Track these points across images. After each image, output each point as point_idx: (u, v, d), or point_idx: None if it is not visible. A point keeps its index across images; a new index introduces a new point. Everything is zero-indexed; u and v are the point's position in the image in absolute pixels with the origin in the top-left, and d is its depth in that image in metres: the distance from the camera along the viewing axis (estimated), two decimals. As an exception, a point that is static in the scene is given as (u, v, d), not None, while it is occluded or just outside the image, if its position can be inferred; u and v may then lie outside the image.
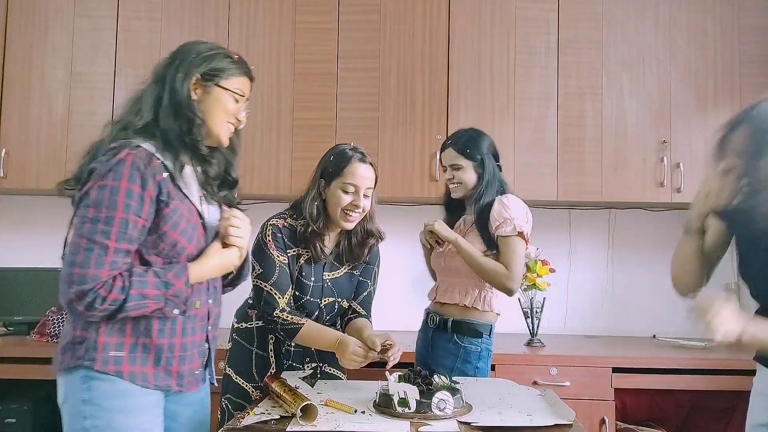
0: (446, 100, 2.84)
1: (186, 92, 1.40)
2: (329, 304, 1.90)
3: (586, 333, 3.10)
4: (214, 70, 1.44)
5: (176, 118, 1.40)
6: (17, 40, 2.87)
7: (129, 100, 1.46)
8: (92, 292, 1.27)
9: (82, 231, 1.29)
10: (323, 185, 1.85)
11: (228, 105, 1.47)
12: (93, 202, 1.29)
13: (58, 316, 2.60)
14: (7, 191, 2.98)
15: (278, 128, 2.85)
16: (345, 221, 1.82)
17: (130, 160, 1.31)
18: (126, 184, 1.30)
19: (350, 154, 1.84)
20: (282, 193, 2.81)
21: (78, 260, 1.28)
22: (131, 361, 1.36)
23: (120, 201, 1.29)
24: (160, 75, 1.43)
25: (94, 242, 1.28)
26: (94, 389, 1.34)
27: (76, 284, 1.27)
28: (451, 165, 2.11)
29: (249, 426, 1.36)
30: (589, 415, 2.42)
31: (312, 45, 2.87)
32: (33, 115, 2.84)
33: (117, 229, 1.29)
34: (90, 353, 1.34)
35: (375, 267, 2.00)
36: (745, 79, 2.82)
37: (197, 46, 1.46)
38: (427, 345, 2.13)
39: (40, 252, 3.08)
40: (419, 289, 2.65)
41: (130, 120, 1.40)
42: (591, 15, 2.86)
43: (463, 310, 2.06)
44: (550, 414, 1.49)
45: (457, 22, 2.87)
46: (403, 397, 1.45)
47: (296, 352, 1.88)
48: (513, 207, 2.03)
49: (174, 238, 1.37)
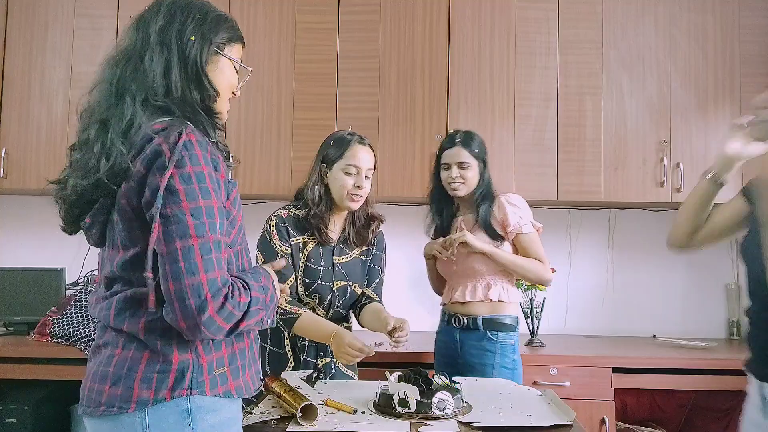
0: (446, 100, 2.84)
1: (203, 60, 1.19)
2: (341, 288, 1.92)
3: (586, 333, 3.10)
4: (223, 37, 1.24)
5: (196, 89, 1.20)
6: (17, 40, 2.86)
7: (117, 62, 1.21)
8: (227, 295, 1.06)
9: (188, 231, 1.04)
10: (325, 170, 1.90)
11: (232, 77, 1.28)
12: (186, 194, 1.05)
13: (58, 316, 2.59)
14: (7, 191, 2.98)
15: (278, 128, 2.85)
16: (351, 202, 1.88)
17: (194, 138, 1.09)
18: (205, 166, 1.09)
19: (349, 137, 1.91)
20: (282, 193, 2.81)
21: (199, 264, 1.04)
22: (234, 374, 1.17)
23: (210, 187, 1.08)
24: (162, 38, 1.18)
25: (209, 240, 1.06)
26: (198, 423, 1.10)
27: (210, 292, 1.04)
28: (458, 163, 2.12)
29: (249, 426, 1.36)
30: (589, 415, 2.42)
31: (312, 45, 2.87)
32: (33, 115, 2.84)
33: (218, 219, 1.09)
34: (196, 378, 1.10)
35: (383, 253, 2.05)
36: (745, 79, 2.82)
37: (195, 3, 1.24)
38: (455, 346, 2.12)
39: (40, 252, 3.08)
40: (419, 288, 2.65)
41: (147, 94, 1.15)
42: (591, 15, 2.86)
43: (491, 307, 2.09)
44: (550, 414, 1.49)
45: (457, 22, 2.87)
46: (403, 397, 1.45)
47: (311, 346, 1.89)
48: (522, 205, 2.13)
49: (240, 223, 1.22)
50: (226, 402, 1.15)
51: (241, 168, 2.80)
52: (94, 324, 2.50)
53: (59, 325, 2.55)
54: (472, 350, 2.08)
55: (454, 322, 2.13)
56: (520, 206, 2.12)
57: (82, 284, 2.93)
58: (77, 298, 2.66)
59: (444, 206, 2.23)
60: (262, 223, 1.94)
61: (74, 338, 2.48)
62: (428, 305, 2.90)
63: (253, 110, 2.84)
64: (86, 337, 2.45)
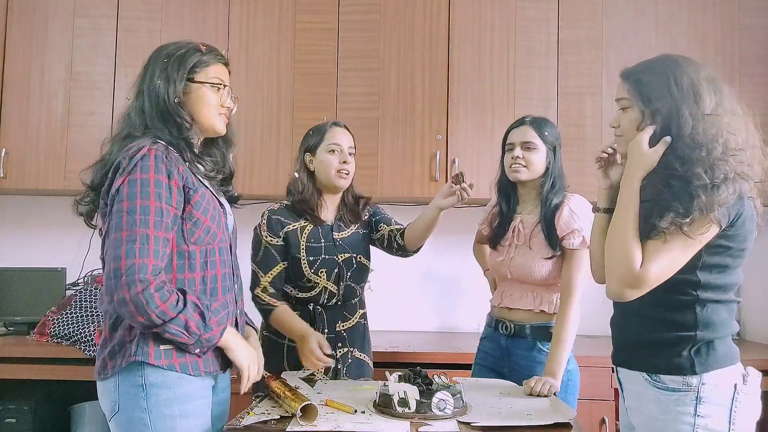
0: (446, 100, 2.84)
1: (173, 98, 1.44)
2: (346, 260, 1.97)
3: (586, 333, 3.09)
4: (190, 68, 1.46)
5: (165, 123, 1.44)
6: (17, 40, 2.86)
7: (120, 117, 1.51)
8: (143, 281, 1.27)
9: (121, 224, 1.30)
10: (309, 158, 2.00)
11: (210, 98, 1.49)
12: (126, 195, 1.31)
13: (58, 316, 2.59)
14: (7, 191, 2.98)
15: (278, 128, 2.85)
16: (340, 179, 1.96)
17: (153, 153, 1.35)
18: (154, 175, 1.33)
19: (325, 123, 2.04)
20: (282, 194, 2.79)
21: (122, 253, 1.28)
22: (180, 353, 1.38)
23: (152, 191, 1.32)
24: (139, 88, 1.48)
25: (135, 233, 1.29)
26: (148, 377, 1.35)
27: (126, 275, 1.27)
28: (523, 143, 1.91)
29: (249, 426, 1.36)
30: (589, 415, 2.42)
31: (312, 45, 2.86)
32: (33, 115, 2.84)
33: (154, 218, 1.31)
34: (142, 348, 1.34)
35: (379, 209, 2.14)
36: (745, 79, 2.82)
37: (164, 50, 1.49)
38: (501, 353, 1.98)
39: (40, 252, 3.08)
40: (421, 288, 2.65)
41: (129, 131, 1.44)
42: (591, 15, 2.86)
43: (540, 316, 1.92)
44: (550, 414, 1.49)
45: (457, 22, 2.87)
46: (403, 397, 1.45)
47: (329, 339, 1.91)
48: (582, 215, 1.87)
49: (207, 224, 1.42)
50: (175, 377, 1.36)
51: (241, 168, 2.79)
52: (94, 324, 2.51)
53: (59, 325, 2.55)
54: (521, 360, 1.93)
55: (502, 328, 1.98)
56: (579, 216, 1.86)
57: (82, 284, 2.93)
58: (77, 298, 2.67)
59: (511, 193, 2.02)
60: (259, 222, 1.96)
61: (74, 338, 2.48)
62: (431, 305, 2.90)
63: (253, 110, 2.84)
64: (86, 337, 2.45)
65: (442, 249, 2.96)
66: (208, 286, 1.44)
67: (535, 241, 1.93)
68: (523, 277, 1.95)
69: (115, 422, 1.39)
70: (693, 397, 1.34)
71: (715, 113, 1.34)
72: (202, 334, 1.35)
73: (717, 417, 1.33)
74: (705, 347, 1.36)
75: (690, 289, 1.38)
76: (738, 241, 1.36)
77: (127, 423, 1.36)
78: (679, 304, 1.39)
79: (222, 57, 1.54)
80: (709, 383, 1.34)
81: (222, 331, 1.40)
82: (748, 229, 1.37)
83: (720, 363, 1.36)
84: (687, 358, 1.36)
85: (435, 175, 2.80)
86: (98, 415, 2.56)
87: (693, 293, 1.37)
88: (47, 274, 2.85)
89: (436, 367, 2.21)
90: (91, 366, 2.43)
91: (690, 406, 1.34)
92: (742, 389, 1.35)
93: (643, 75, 1.45)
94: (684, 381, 1.35)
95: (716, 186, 1.29)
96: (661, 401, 1.38)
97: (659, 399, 1.38)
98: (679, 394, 1.35)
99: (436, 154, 2.79)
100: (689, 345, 1.36)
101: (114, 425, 1.40)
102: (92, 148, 2.78)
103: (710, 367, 1.35)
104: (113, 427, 1.40)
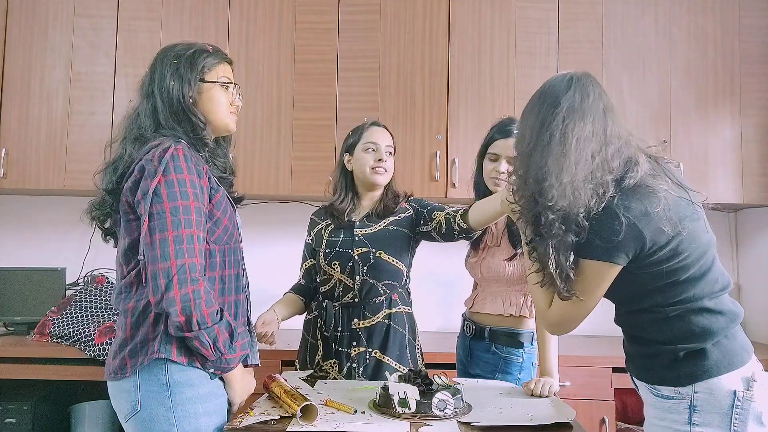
0: (446, 100, 2.84)
1: (185, 96, 1.44)
2: (363, 255, 1.93)
3: (586, 333, 3.09)
4: (202, 68, 1.48)
5: (179, 123, 1.45)
6: (17, 40, 2.86)
7: (125, 119, 1.50)
8: (194, 280, 1.30)
9: (165, 225, 1.30)
10: (348, 158, 2.02)
11: (221, 97, 1.51)
12: (167, 196, 1.31)
13: (58, 316, 2.59)
14: (7, 191, 2.98)
15: (278, 128, 2.85)
16: (376, 175, 1.96)
17: (181, 152, 1.36)
18: (188, 175, 1.35)
19: (365, 123, 2.06)
20: (282, 193, 2.81)
21: (171, 252, 1.29)
22: None
23: (189, 191, 1.34)
24: (148, 89, 1.47)
25: (182, 233, 1.31)
26: (173, 375, 1.35)
27: (178, 275, 1.28)
28: (510, 158, 1.87)
29: (249, 426, 1.36)
30: (589, 415, 2.42)
31: (312, 45, 2.86)
32: (33, 115, 2.84)
33: (195, 217, 1.34)
34: (165, 345, 1.35)
35: (426, 200, 2.06)
36: (745, 79, 2.82)
37: (172, 51, 1.49)
38: (465, 353, 2.02)
39: (40, 252, 3.08)
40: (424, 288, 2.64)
41: (140, 132, 1.44)
42: (591, 15, 2.86)
43: (507, 320, 1.90)
44: (550, 414, 1.49)
45: (457, 22, 2.87)
46: (403, 397, 1.45)
47: (342, 336, 1.91)
48: None
49: (225, 223, 1.45)
50: (198, 375, 1.37)
51: (241, 168, 2.79)
52: (94, 324, 2.50)
53: (59, 325, 2.55)
54: (479, 362, 1.96)
55: (467, 329, 2.02)
56: None
57: (82, 284, 2.93)
58: (77, 298, 2.66)
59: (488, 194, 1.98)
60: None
61: (74, 338, 2.48)
62: (431, 305, 2.90)
63: (253, 110, 2.84)
64: (86, 337, 2.45)
65: (443, 249, 2.96)
66: (226, 285, 1.45)
67: (503, 240, 1.95)
68: (495, 276, 1.95)
69: (134, 422, 1.37)
70: (686, 405, 1.31)
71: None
72: (225, 354, 1.36)
73: (715, 425, 1.28)
74: (692, 357, 1.31)
75: (657, 307, 1.34)
76: (669, 253, 1.29)
77: (150, 422, 1.35)
78: (652, 322, 1.36)
79: (227, 56, 1.56)
80: (703, 392, 1.30)
81: (240, 358, 1.41)
82: (669, 232, 1.27)
83: (713, 371, 1.29)
84: (673, 370, 1.33)
85: (435, 175, 2.80)
86: (98, 415, 2.56)
87: (661, 310, 1.34)
88: (47, 274, 2.85)
89: (436, 367, 2.21)
90: (91, 366, 2.46)
91: (684, 415, 1.31)
92: (744, 396, 1.28)
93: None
94: (676, 390, 1.33)
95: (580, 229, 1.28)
96: (657, 407, 1.38)
97: (656, 405, 1.38)
98: (673, 402, 1.33)
99: (436, 154, 2.79)
100: (672, 357, 1.33)
101: (132, 425, 1.37)
102: (92, 148, 2.82)
103: (700, 377, 1.30)
104: (131, 428, 1.38)
